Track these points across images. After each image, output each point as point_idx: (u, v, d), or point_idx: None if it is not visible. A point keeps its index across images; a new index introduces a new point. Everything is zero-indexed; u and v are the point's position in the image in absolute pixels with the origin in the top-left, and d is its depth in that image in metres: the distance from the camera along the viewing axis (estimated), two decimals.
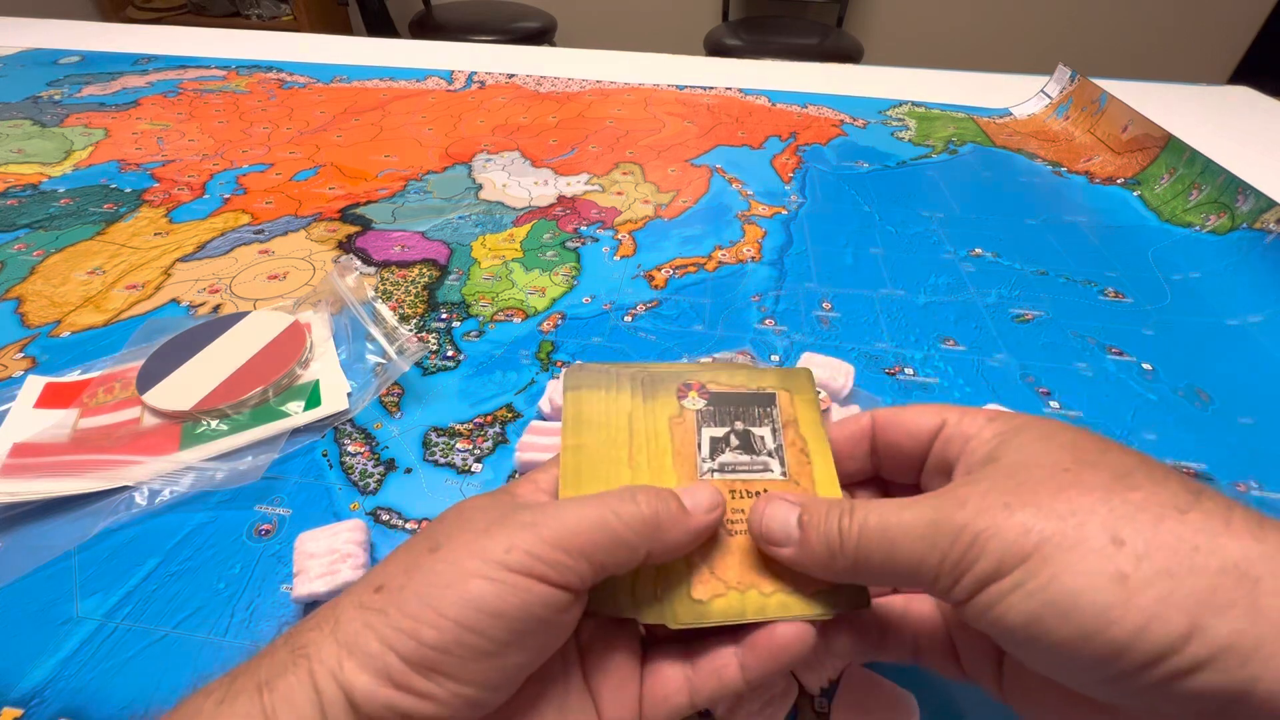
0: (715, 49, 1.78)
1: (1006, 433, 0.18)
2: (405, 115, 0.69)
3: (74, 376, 0.34)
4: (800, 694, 0.23)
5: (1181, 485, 0.15)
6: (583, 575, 0.17)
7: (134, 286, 0.42)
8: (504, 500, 0.19)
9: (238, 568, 0.26)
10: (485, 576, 0.16)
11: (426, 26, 1.80)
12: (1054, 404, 0.35)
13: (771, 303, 0.42)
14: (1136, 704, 0.15)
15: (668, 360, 0.37)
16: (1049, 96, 0.74)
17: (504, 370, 0.36)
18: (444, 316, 0.40)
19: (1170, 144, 0.56)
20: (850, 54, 1.74)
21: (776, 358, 0.38)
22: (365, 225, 0.49)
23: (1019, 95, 0.76)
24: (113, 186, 0.54)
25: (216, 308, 0.40)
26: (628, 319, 0.40)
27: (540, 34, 1.80)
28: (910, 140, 0.66)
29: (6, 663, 0.23)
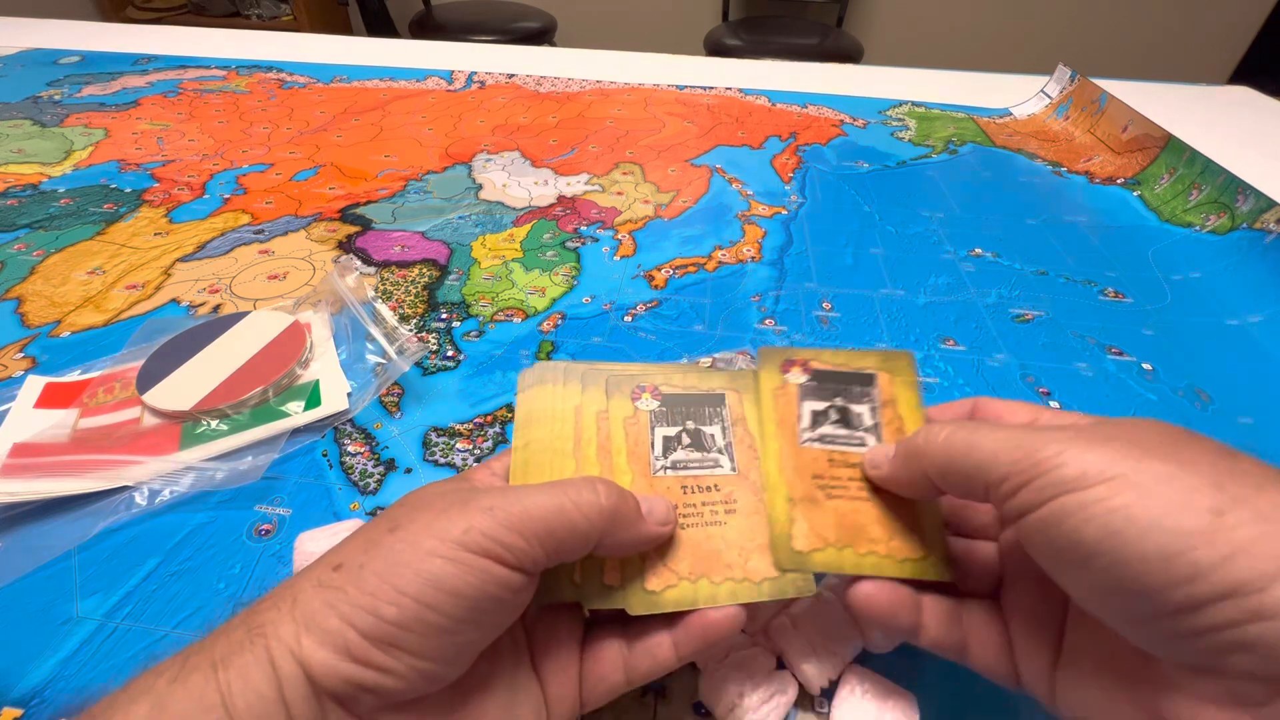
0: (715, 49, 1.78)
1: (1102, 420, 0.18)
2: (405, 115, 0.69)
3: (74, 376, 0.34)
4: (800, 694, 0.23)
5: None
6: (536, 559, 0.17)
7: (134, 286, 0.42)
8: (462, 485, 0.20)
9: (238, 568, 0.26)
10: (443, 556, 0.16)
11: (426, 26, 1.80)
12: (1054, 404, 0.35)
13: (771, 303, 0.42)
14: (1187, 651, 0.14)
15: (667, 360, 0.37)
16: (1049, 96, 0.74)
17: (504, 370, 0.36)
18: (444, 316, 0.40)
19: (1170, 144, 0.56)
20: (850, 54, 1.74)
21: None
22: (365, 225, 0.49)
23: (1019, 95, 0.76)
24: (113, 186, 0.54)
25: (216, 308, 0.40)
26: (628, 319, 0.40)
27: (540, 34, 1.80)
28: (910, 140, 0.66)
29: (6, 663, 0.23)
